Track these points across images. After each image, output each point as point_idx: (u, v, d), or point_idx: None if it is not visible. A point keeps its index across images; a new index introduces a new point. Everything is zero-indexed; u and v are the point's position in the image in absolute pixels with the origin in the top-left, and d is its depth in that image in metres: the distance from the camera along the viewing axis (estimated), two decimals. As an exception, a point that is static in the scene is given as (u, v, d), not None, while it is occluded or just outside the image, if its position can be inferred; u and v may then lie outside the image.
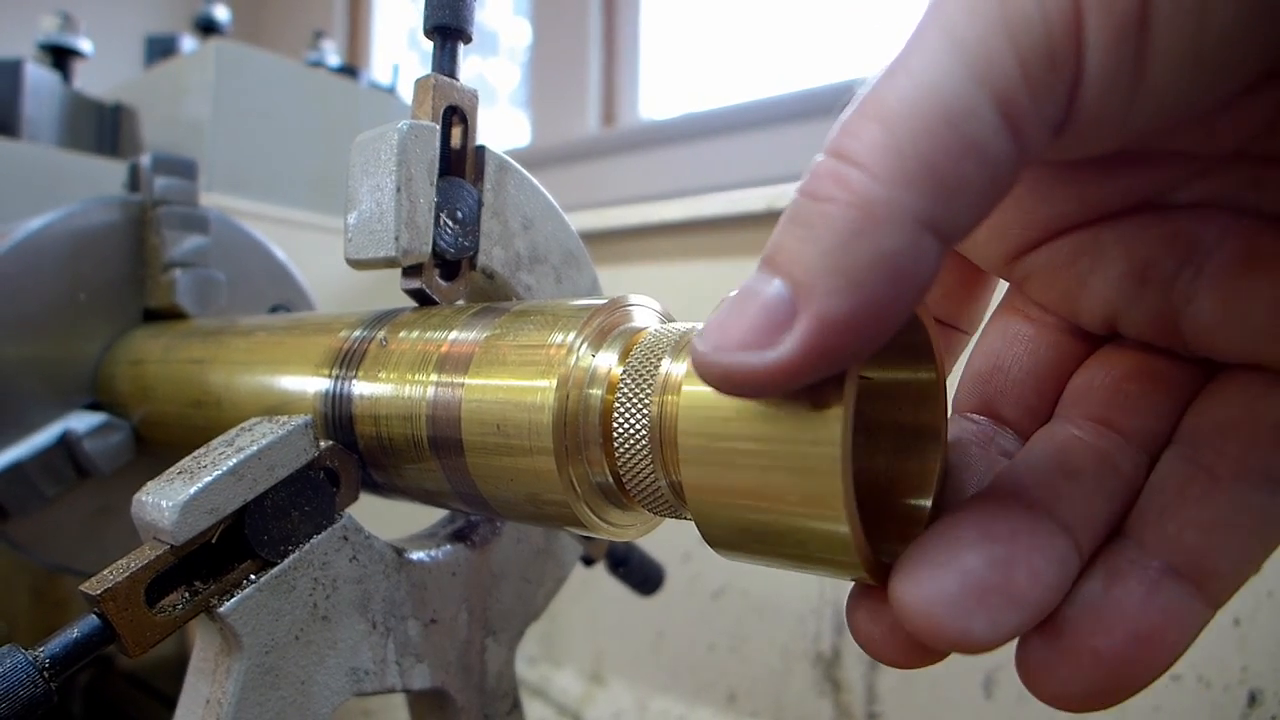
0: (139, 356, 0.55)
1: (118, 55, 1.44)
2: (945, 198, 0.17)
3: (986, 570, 0.20)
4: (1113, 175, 0.23)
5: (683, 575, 0.80)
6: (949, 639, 0.19)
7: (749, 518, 0.23)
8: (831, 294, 0.17)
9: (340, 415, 0.36)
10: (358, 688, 0.35)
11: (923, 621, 0.19)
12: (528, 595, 0.42)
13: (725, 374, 0.19)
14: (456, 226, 0.38)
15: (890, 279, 0.17)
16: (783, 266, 0.18)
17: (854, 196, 0.18)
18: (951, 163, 0.17)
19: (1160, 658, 0.20)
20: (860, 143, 0.18)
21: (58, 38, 0.95)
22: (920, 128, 0.17)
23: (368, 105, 1.02)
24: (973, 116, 0.17)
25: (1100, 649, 0.20)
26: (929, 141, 0.17)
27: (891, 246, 0.17)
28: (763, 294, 0.19)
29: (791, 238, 0.18)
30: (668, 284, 0.85)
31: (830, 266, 0.18)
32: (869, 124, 0.18)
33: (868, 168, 0.18)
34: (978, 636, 0.19)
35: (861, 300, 0.17)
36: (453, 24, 0.39)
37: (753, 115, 1.71)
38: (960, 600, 0.19)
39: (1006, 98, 0.18)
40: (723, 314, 0.19)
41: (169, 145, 0.91)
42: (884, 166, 0.17)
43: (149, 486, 0.34)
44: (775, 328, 0.18)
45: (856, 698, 0.70)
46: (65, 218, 0.56)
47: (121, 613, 0.31)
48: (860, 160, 0.18)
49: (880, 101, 0.18)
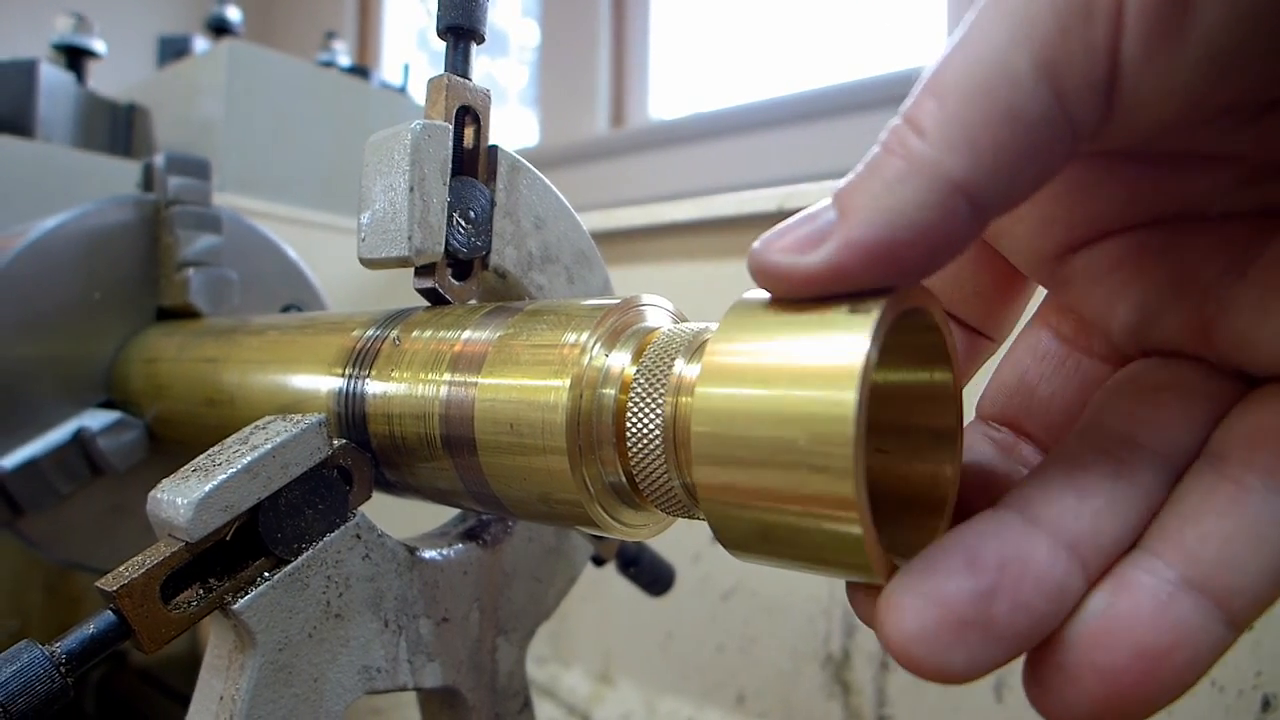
0: (153, 355, 0.55)
1: (131, 56, 1.45)
2: (981, 163, 0.19)
3: (966, 605, 0.20)
4: (1160, 178, 0.23)
5: (692, 576, 0.80)
6: (928, 672, 0.20)
7: (762, 518, 0.23)
8: (862, 224, 0.20)
9: (353, 414, 0.37)
10: (370, 686, 0.36)
11: (902, 654, 0.20)
12: (539, 595, 0.42)
13: (761, 267, 0.22)
14: (469, 226, 0.38)
15: (914, 227, 0.20)
16: (841, 198, 0.21)
17: (907, 153, 0.20)
18: (990, 129, 0.19)
19: (1170, 678, 0.19)
20: (922, 110, 0.20)
21: (72, 38, 0.95)
22: (965, 96, 0.19)
23: (378, 105, 1.03)
24: (1014, 81, 0.19)
25: (1102, 665, 0.19)
26: (971, 109, 0.19)
27: (920, 199, 0.19)
28: (819, 217, 0.21)
29: (857, 178, 0.21)
30: (678, 284, 0.85)
31: (869, 204, 0.20)
32: (927, 95, 0.20)
33: (925, 132, 0.20)
34: (956, 671, 0.19)
35: (883, 237, 0.20)
36: (466, 24, 0.39)
37: (763, 115, 1.71)
38: (937, 635, 0.19)
39: (1045, 56, 0.19)
40: (786, 223, 0.22)
41: (182, 145, 0.91)
42: (935, 132, 0.20)
43: (164, 484, 0.34)
44: (815, 241, 0.21)
45: (866, 700, 0.70)
46: (80, 217, 0.57)
47: (137, 609, 0.31)
48: (920, 125, 0.20)
49: (939, 74, 0.20)
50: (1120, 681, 0.19)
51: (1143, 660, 0.19)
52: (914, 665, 0.20)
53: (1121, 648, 0.19)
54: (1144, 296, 0.24)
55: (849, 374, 0.20)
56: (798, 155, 1.57)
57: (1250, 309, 0.22)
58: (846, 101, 1.54)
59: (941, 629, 0.19)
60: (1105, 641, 0.20)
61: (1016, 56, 0.19)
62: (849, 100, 1.54)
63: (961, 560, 0.20)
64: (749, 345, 0.23)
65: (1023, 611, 0.20)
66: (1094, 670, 0.19)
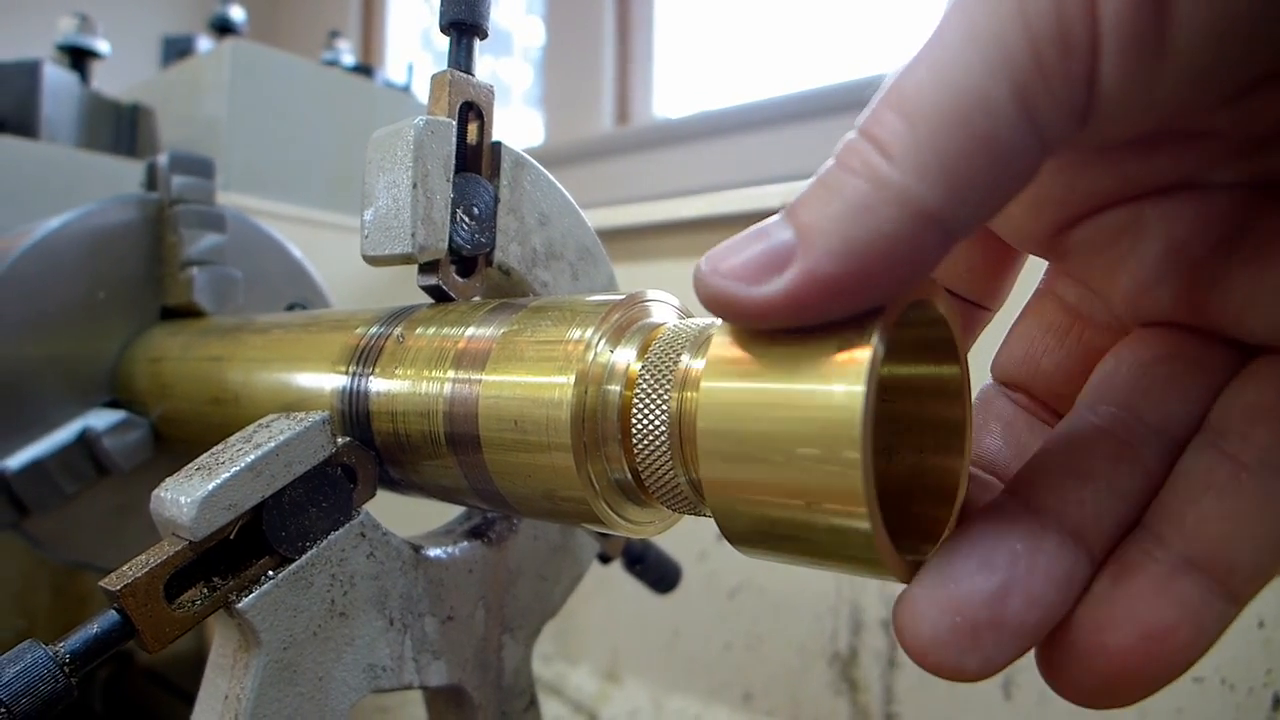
0: (157, 354, 0.55)
1: (135, 56, 1.45)
2: (957, 194, 0.18)
3: (980, 608, 0.20)
4: (1153, 153, 0.23)
5: (699, 573, 0.80)
6: (947, 672, 0.20)
7: (769, 514, 0.22)
8: (826, 254, 0.19)
9: (357, 412, 0.36)
10: (375, 684, 0.35)
11: (920, 656, 0.20)
12: (544, 592, 0.42)
13: (712, 295, 0.20)
14: (473, 223, 0.38)
15: (884, 257, 0.19)
16: (797, 217, 0.20)
17: (872, 174, 0.19)
18: (966, 159, 0.18)
19: (1175, 654, 0.20)
20: (884, 129, 0.19)
21: (75, 39, 0.95)
22: (938, 123, 0.18)
23: (383, 104, 1.03)
24: (989, 111, 0.18)
25: (1110, 646, 0.20)
26: (945, 137, 0.18)
27: (891, 230, 0.18)
28: (771, 236, 0.20)
29: (812, 195, 0.20)
30: (684, 281, 0.85)
31: (833, 230, 0.19)
32: (892, 114, 0.19)
33: (891, 153, 0.18)
34: (973, 671, 0.20)
35: (850, 269, 0.19)
36: (469, 20, 0.39)
37: (767, 113, 1.71)
38: (954, 639, 0.20)
39: (1022, 87, 0.18)
40: (734, 241, 0.21)
41: (186, 144, 0.91)
42: (903, 155, 0.18)
43: (168, 483, 0.34)
44: (770, 268, 0.20)
45: (874, 697, 0.70)
46: (84, 217, 0.57)
47: (141, 608, 0.31)
48: (887, 147, 0.19)
49: (902, 93, 0.19)
50: (1126, 660, 0.20)
51: (1147, 640, 0.20)
52: (932, 669, 0.20)
53: (1126, 629, 0.20)
54: (1141, 268, 0.24)
55: (857, 368, 0.20)
56: (802, 153, 1.56)
57: (1243, 280, 0.22)
58: (850, 99, 1.54)
59: (959, 633, 0.20)
60: (1111, 624, 0.20)
61: (994, 87, 0.18)
62: (852, 98, 1.54)
63: (975, 562, 0.21)
64: (755, 339, 0.22)
65: (1036, 606, 0.20)
66: (1103, 651, 0.20)
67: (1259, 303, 0.22)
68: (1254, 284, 0.22)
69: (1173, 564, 0.20)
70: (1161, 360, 0.24)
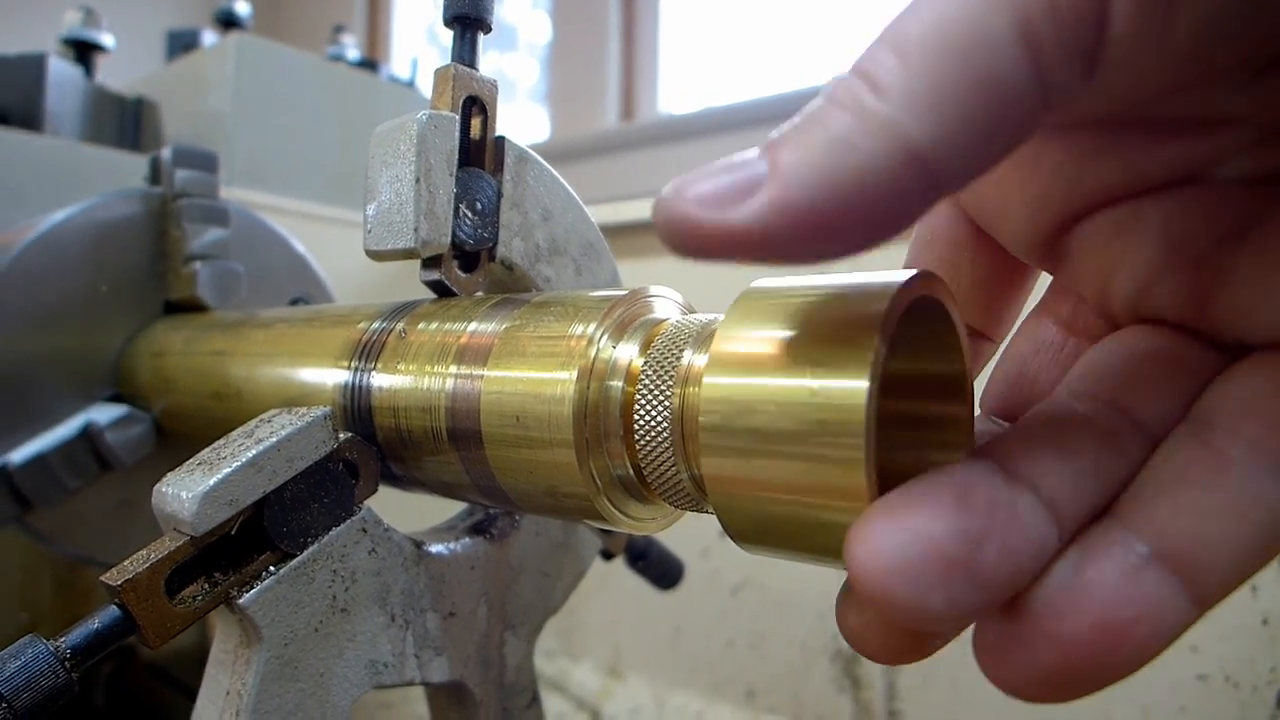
0: (160, 349, 0.55)
1: (139, 50, 1.45)
2: (947, 132, 0.17)
3: (955, 543, 0.18)
4: (1156, 145, 0.22)
5: (702, 570, 0.80)
6: (901, 609, 0.18)
7: (771, 510, 0.22)
8: (798, 183, 0.17)
9: (359, 407, 0.36)
10: (376, 680, 0.35)
11: (875, 586, 0.18)
12: (546, 589, 0.42)
13: (670, 220, 0.19)
14: (476, 218, 0.38)
15: (861, 193, 0.17)
16: (775, 149, 0.18)
17: (859, 109, 0.17)
18: (961, 95, 0.17)
19: (1129, 653, 0.18)
20: (879, 65, 0.18)
21: (80, 32, 0.95)
22: (933, 56, 0.17)
23: (387, 99, 1.02)
24: (990, 44, 0.17)
25: (1060, 635, 0.18)
26: (939, 71, 0.17)
27: (871, 164, 0.17)
28: (744, 164, 0.18)
29: (794, 128, 0.18)
30: (686, 277, 0.85)
31: (807, 160, 0.17)
32: (885, 49, 0.18)
33: (884, 89, 0.17)
34: (933, 612, 0.18)
35: (824, 202, 0.17)
36: (472, 14, 0.38)
37: (772, 110, 1.70)
38: (920, 570, 0.18)
39: (1026, 19, 0.17)
40: (705, 168, 0.19)
41: (189, 138, 0.91)
42: (896, 91, 0.17)
43: (169, 478, 0.34)
44: (737, 195, 0.18)
45: (877, 694, 0.70)
46: (87, 210, 0.57)
47: (142, 603, 0.30)
48: (877, 80, 0.17)
49: (899, 27, 0.18)
50: (1075, 652, 0.18)
51: (1102, 633, 0.18)
52: (887, 600, 0.18)
53: (1082, 618, 0.18)
54: (1141, 265, 0.23)
55: (860, 363, 0.20)
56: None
57: (1249, 276, 0.21)
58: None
59: (927, 565, 0.18)
60: (1066, 611, 0.18)
61: (993, 18, 0.17)
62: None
63: (950, 498, 0.19)
64: (757, 334, 0.22)
65: (1009, 561, 0.19)
66: (1051, 640, 0.18)
67: (1263, 301, 0.21)
68: (1259, 282, 0.21)
69: (1141, 556, 0.19)
70: (1150, 358, 0.23)
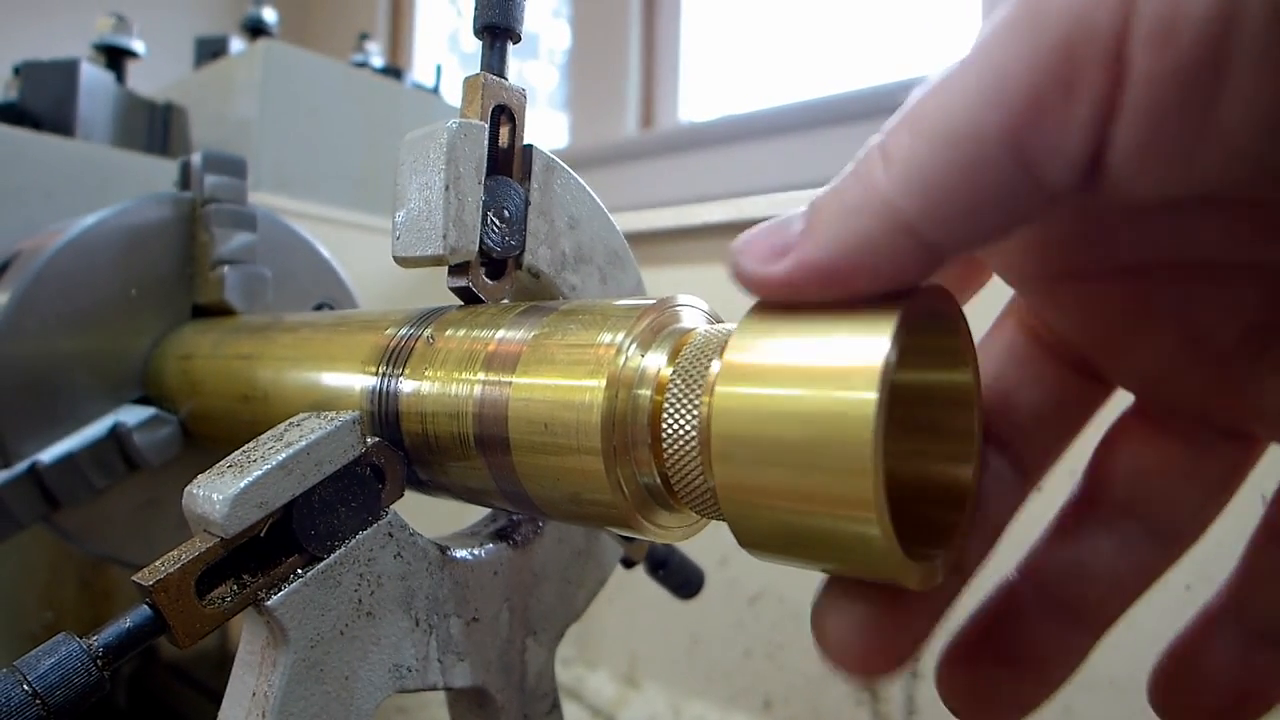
0: (188, 351, 0.56)
1: (168, 56, 1.47)
2: (935, 213, 0.19)
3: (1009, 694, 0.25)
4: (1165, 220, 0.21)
5: (720, 580, 0.79)
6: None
7: (780, 518, 0.22)
8: (818, 245, 0.21)
9: (386, 412, 0.37)
10: (400, 684, 0.35)
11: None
12: (569, 596, 0.42)
13: (735, 268, 0.23)
14: (503, 225, 0.38)
15: (864, 257, 0.20)
16: (811, 212, 0.22)
17: (869, 183, 0.20)
18: (950, 180, 0.18)
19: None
20: (894, 140, 0.20)
21: (112, 38, 0.97)
22: (930, 141, 0.19)
23: (411, 105, 1.03)
24: (979, 140, 0.18)
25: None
26: (932, 155, 0.19)
27: (872, 235, 0.20)
28: (788, 225, 0.22)
29: (826, 194, 0.22)
30: (710, 286, 0.85)
31: (828, 225, 0.21)
32: (904, 125, 0.20)
33: (891, 165, 0.20)
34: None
35: (836, 263, 0.21)
36: (502, 23, 0.39)
37: (793, 118, 1.70)
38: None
39: (1013, 124, 0.17)
40: (764, 226, 0.23)
41: (218, 144, 0.92)
42: (897, 169, 0.19)
43: (200, 479, 0.34)
44: (780, 252, 0.22)
45: (895, 708, 0.69)
46: (118, 214, 0.57)
47: (173, 603, 0.31)
48: (890, 156, 0.20)
49: (921, 104, 0.20)
50: None
51: None
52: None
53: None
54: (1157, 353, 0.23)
55: (869, 374, 0.20)
56: (828, 158, 1.56)
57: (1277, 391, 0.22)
58: (877, 105, 1.53)
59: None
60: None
61: (987, 115, 0.17)
62: (880, 103, 1.53)
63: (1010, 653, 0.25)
64: (769, 345, 0.23)
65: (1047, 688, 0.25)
66: None
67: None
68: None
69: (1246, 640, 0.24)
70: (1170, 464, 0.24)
